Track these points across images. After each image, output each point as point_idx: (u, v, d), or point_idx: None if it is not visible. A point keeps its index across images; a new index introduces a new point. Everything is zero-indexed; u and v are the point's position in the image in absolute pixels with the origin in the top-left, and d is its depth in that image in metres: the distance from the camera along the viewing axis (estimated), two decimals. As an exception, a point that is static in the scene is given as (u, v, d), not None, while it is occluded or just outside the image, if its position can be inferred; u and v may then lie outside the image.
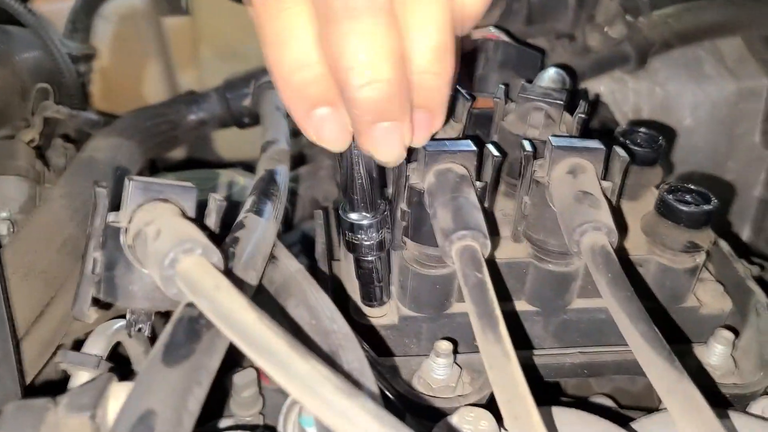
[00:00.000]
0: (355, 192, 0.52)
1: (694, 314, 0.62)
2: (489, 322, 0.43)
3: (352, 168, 0.51)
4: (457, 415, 0.45)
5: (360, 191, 0.52)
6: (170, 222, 0.40)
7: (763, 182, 1.08)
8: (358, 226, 0.54)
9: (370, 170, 0.52)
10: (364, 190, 0.52)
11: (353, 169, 0.51)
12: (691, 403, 0.38)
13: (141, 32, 1.18)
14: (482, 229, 0.49)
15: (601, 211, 0.51)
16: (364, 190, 0.52)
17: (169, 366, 0.33)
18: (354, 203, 0.53)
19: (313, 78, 0.43)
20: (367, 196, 0.52)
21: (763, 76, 1.04)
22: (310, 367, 0.30)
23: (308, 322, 0.40)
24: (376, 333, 0.60)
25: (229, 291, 0.34)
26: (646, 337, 0.42)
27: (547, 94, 0.65)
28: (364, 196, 0.52)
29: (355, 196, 0.53)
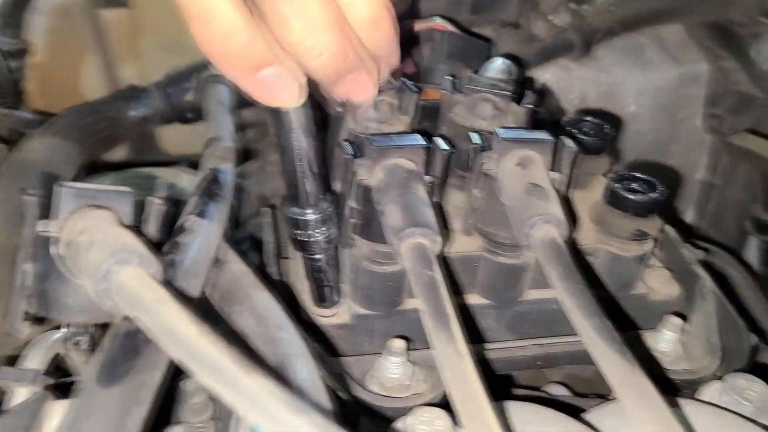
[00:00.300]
0: (298, 187, 0.51)
1: (643, 301, 0.63)
2: (441, 321, 0.42)
3: (295, 163, 0.50)
4: (412, 415, 0.44)
5: (303, 187, 0.51)
6: (104, 231, 0.38)
7: (705, 166, 1.11)
8: (304, 222, 0.52)
9: (312, 165, 0.51)
10: (306, 186, 0.51)
11: (296, 164, 0.50)
12: (643, 395, 0.38)
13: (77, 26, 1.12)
14: (433, 226, 0.49)
15: (550, 203, 0.51)
16: (307, 186, 0.51)
17: (106, 387, 0.31)
18: (297, 199, 0.52)
19: (248, 41, 0.43)
20: (310, 191, 0.51)
21: (703, 61, 1.05)
22: (255, 382, 0.28)
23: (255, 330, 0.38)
24: (328, 333, 0.59)
25: (168, 304, 0.32)
26: (598, 331, 0.42)
27: (495, 85, 0.64)
28: (308, 192, 0.51)
29: (299, 192, 0.51)
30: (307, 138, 0.50)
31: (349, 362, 0.57)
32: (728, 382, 0.49)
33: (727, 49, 1.02)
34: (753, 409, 0.47)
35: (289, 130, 0.49)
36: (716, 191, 1.09)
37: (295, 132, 0.49)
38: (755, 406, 0.47)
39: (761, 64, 0.96)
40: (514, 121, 0.64)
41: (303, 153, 0.50)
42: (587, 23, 0.96)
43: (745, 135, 0.87)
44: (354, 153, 0.54)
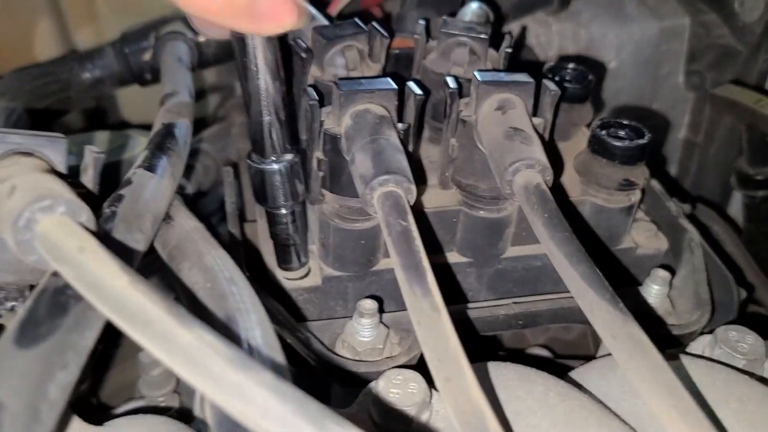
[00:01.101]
0: (264, 135, 0.47)
1: (630, 255, 0.60)
2: (415, 274, 0.38)
3: (260, 108, 0.45)
4: (384, 378, 0.40)
5: (268, 133, 0.46)
6: (28, 177, 0.33)
7: (687, 124, 1.08)
8: (268, 172, 0.48)
9: (279, 112, 0.46)
10: (272, 132, 0.46)
11: (260, 109, 0.46)
12: (637, 348, 0.35)
13: (29, -15, 1.06)
14: (406, 173, 0.44)
15: (533, 147, 0.47)
16: (273, 132, 0.46)
17: (24, 348, 0.27)
18: (263, 148, 0.47)
19: None
20: (276, 139, 0.46)
21: (684, 15, 1.02)
22: (194, 337, 0.24)
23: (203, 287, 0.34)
24: (297, 297, 0.55)
25: (95, 252, 0.28)
26: (587, 280, 0.38)
27: (471, 29, 0.60)
28: (273, 139, 0.46)
29: (264, 140, 0.47)
30: (274, 81, 0.45)
31: (319, 327, 0.53)
32: (719, 336, 0.46)
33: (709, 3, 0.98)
34: (746, 362, 0.44)
35: (255, 73, 0.44)
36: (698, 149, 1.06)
37: (261, 75, 0.44)
38: (748, 359, 0.44)
39: (744, 16, 0.93)
40: (492, 66, 0.60)
41: (270, 97, 0.45)
42: (566, -25, 0.92)
43: (729, 86, 0.84)
44: (319, 99, 0.50)
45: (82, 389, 0.57)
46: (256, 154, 0.48)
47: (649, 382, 0.33)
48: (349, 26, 0.58)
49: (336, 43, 0.56)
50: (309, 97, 0.50)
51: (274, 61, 0.45)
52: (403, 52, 0.64)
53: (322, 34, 0.57)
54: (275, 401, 0.23)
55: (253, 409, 0.23)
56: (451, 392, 0.33)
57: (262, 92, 0.45)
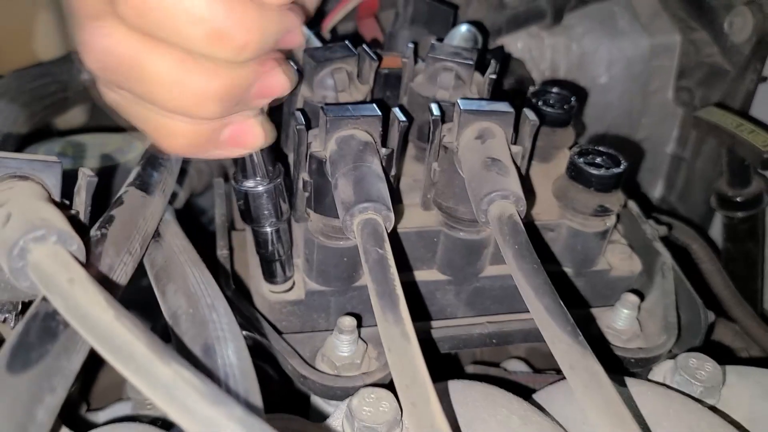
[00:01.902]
0: (245, 158, 0.48)
1: (604, 277, 0.62)
2: (389, 302, 0.40)
3: None
4: (357, 396, 0.42)
5: (250, 157, 0.48)
6: (23, 205, 0.35)
7: (675, 139, 1.10)
8: (251, 193, 0.50)
9: None
10: (254, 156, 0.48)
11: None
12: (593, 380, 0.37)
13: (29, -19, 1.07)
14: (385, 201, 0.46)
15: (509, 178, 0.49)
16: (255, 155, 0.48)
17: (15, 373, 0.29)
18: (245, 170, 0.49)
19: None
20: (258, 161, 0.48)
21: (675, 32, 1.04)
22: (172, 372, 0.26)
23: (186, 312, 0.36)
24: (281, 309, 0.57)
25: (84, 286, 0.30)
26: (550, 312, 0.41)
27: (457, 54, 0.62)
28: (255, 161, 0.48)
29: (246, 162, 0.49)
30: None
31: (300, 339, 0.56)
32: (680, 362, 0.48)
33: (700, 21, 1.00)
34: (702, 389, 0.47)
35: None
36: (685, 165, 1.08)
37: None
38: (704, 386, 0.47)
39: (732, 37, 0.95)
40: (477, 91, 0.62)
41: None
42: (559, -10, 0.93)
43: (712, 109, 0.86)
44: (307, 123, 0.52)
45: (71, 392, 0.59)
46: (240, 176, 0.50)
47: (601, 414, 0.35)
48: (340, 49, 0.60)
49: (326, 66, 0.58)
50: (297, 122, 0.52)
51: None
52: (392, 72, 0.65)
53: (312, 56, 0.58)
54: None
55: (222, 442, 0.25)
56: (416, 417, 0.35)
57: None
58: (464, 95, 0.60)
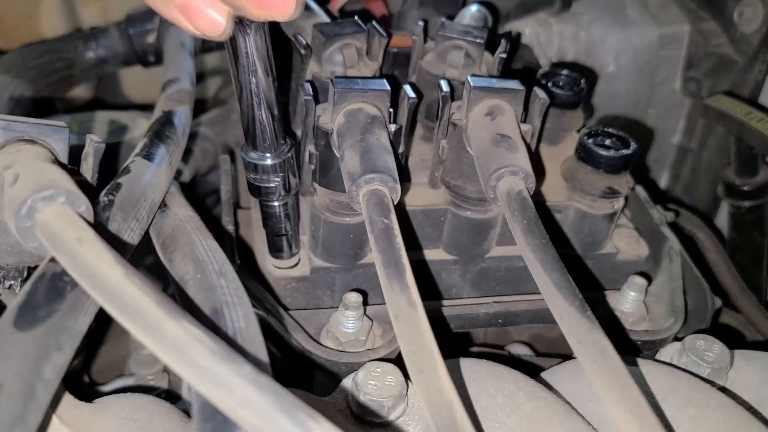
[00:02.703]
0: (256, 130, 0.48)
1: (611, 260, 0.62)
2: (395, 271, 0.40)
3: (252, 104, 0.47)
4: (363, 370, 0.42)
5: (261, 129, 0.47)
6: (31, 166, 0.35)
7: (681, 129, 1.09)
8: (261, 167, 0.49)
9: (271, 107, 0.47)
10: (265, 128, 0.47)
11: (254, 106, 0.47)
12: (601, 354, 0.36)
13: (35, -40, 1.06)
14: (392, 173, 0.46)
15: (518, 154, 0.49)
16: (266, 128, 0.47)
17: (22, 330, 0.29)
18: (256, 142, 0.48)
19: None
20: (269, 134, 0.48)
21: (684, 22, 1.03)
22: (181, 329, 0.26)
23: (193, 277, 0.36)
24: (286, 285, 0.57)
25: (93, 244, 0.30)
26: (558, 287, 0.40)
27: (468, 33, 0.61)
28: (266, 134, 0.48)
29: (257, 135, 0.48)
30: (266, 77, 0.46)
31: (305, 316, 0.55)
32: (688, 344, 0.48)
33: (709, 11, 0.99)
34: (710, 371, 0.46)
35: (246, 68, 0.45)
36: (691, 155, 1.07)
37: (252, 70, 0.45)
38: (712, 368, 0.46)
39: (742, 27, 0.94)
40: (486, 70, 0.62)
41: (261, 93, 0.46)
42: (569, -24, 0.93)
43: (721, 97, 0.85)
44: (314, 95, 0.51)
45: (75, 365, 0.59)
46: (249, 148, 0.50)
47: (608, 386, 0.35)
48: (349, 25, 0.59)
49: (335, 41, 0.58)
50: (305, 92, 0.51)
51: (267, 57, 0.45)
52: (401, 50, 0.65)
53: (321, 32, 0.58)
54: (253, 392, 0.25)
55: (232, 399, 0.25)
56: (423, 384, 0.34)
57: (254, 87, 0.46)
58: (473, 74, 0.59)
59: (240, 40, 0.44)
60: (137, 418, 0.39)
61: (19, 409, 0.26)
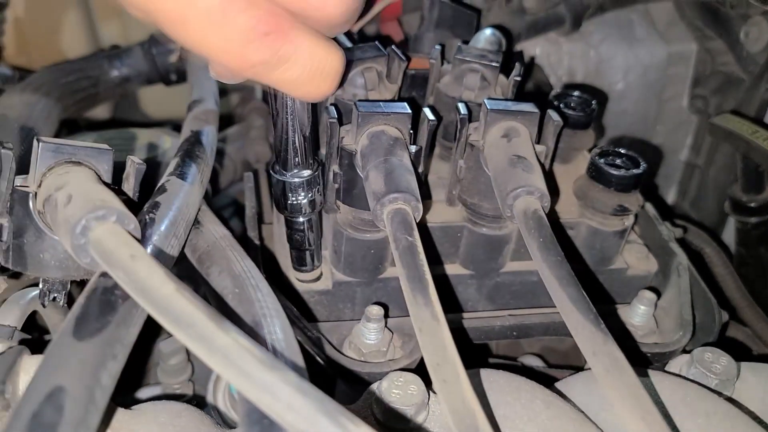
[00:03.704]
0: (287, 150, 0.51)
1: (621, 276, 0.64)
2: (419, 285, 0.42)
3: (286, 126, 0.49)
4: (387, 380, 0.44)
5: (293, 149, 0.50)
6: (82, 187, 0.38)
7: (689, 146, 1.11)
8: (289, 185, 0.52)
9: (303, 129, 0.50)
10: (296, 148, 0.50)
11: (287, 126, 0.49)
12: (614, 365, 0.39)
13: (58, -20, 1.10)
14: (414, 193, 0.49)
15: (534, 175, 0.51)
16: (297, 148, 0.50)
17: (81, 340, 0.31)
18: (286, 162, 0.51)
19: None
20: (299, 154, 0.50)
21: (691, 40, 1.05)
22: (230, 339, 0.29)
23: (232, 291, 0.38)
24: (309, 299, 0.59)
25: (145, 261, 0.32)
26: (574, 301, 0.42)
27: (483, 56, 0.64)
28: (297, 154, 0.50)
29: (288, 155, 0.51)
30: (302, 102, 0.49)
31: (328, 328, 0.58)
32: (696, 356, 0.50)
33: (716, 30, 1.02)
34: (718, 382, 0.48)
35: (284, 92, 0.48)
36: (698, 172, 1.09)
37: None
38: (720, 379, 0.48)
39: (748, 46, 0.96)
40: (501, 92, 0.64)
41: (296, 115, 0.49)
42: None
43: (727, 116, 0.87)
44: (339, 118, 0.54)
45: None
46: (279, 166, 0.53)
47: (622, 395, 0.37)
48: (370, 49, 0.62)
49: (357, 65, 0.60)
50: (329, 115, 0.54)
51: None
52: (419, 73, 0.67)
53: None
54: (298, 398, 0.27)
55: (278, 404, 0.27)
56: (447, 393, 0.37)
57: (289, 110, 0.49)
58: (489, 96, 0.62)
59: None
60: (175, 424, 0.41)
61: (82, 412, 0.29)
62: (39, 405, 0.29)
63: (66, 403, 0.29)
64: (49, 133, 0.81)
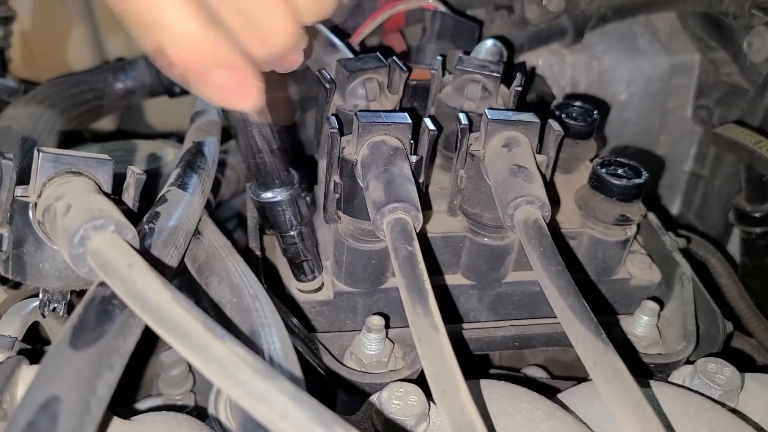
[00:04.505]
0: (258, 167, 0.51)
1: (624, 286, 0.64)
2: (418, 295, 0.42)
3: (250, 143, 0.49)
4: (387, 390, 0.44)
5: (264, 170, 0.50)
6: (82, 197, 0.38)
7: (693, 156, 1.11)
8: (270, 203, 0.52)
9: (269, 141, 0.50)
10: (266, 164, 0.50)
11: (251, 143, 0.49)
12: (615, 375, 0.38)
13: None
14: (414, 202, 0.49)
15: (534, 185, 0.51)
16: (267, 168, 0.50)
17: (77, 350, 0.31)
18: (262, 181, 0.51)
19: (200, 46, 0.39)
20: (271, 170, 0.51)
21: (694, 51, 1.06)
22: (226, 349, 0.28)
23: (230, 301, 0.38)
24: (310, 309, 0.59)
25: (142, 270, 0.32)
26: (574, 311, 0.42)
27: (484, 67, 0.64)
28: (269, 174, 0.51)
29: (260, 172, 0.51)
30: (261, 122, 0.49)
31: (329, 338, 0.58)
32: (700, 367, 0.50)
33: (719, 41, 1.02)
34: (721, 393, 0.48)
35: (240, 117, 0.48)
36: (703, 182, 1.09)
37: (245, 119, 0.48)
38: (723, 390, 0.48)
39: (751, 57, 0.96)
40: (502, 103, 0.64)
41: (256, 131, 0.49)
42: (580, 9, 0.95)
43: (731, 126, 0.87)
44: (339, 128, 0.54)
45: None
46: (256, 187, 0.53)
47: (623, 407, 0.37)
48: (371, 60, 0.62)
49: (358, 75, 0.61)
50: (330, 125, 0.54)
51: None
52: (419, 83, 0.68)
53: (345, 67, 0.61)
54: (293, 408, 0.27)
55: (274, 414, 0.27)
56: (446, 403, 0.36)
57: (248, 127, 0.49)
58: (490, 106, 0.62)
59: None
60: (174, 435, 0.41)
61: (77, 422, 0.28)
62: (34, 415, 0.29)
63: (61, 413, 0.28)
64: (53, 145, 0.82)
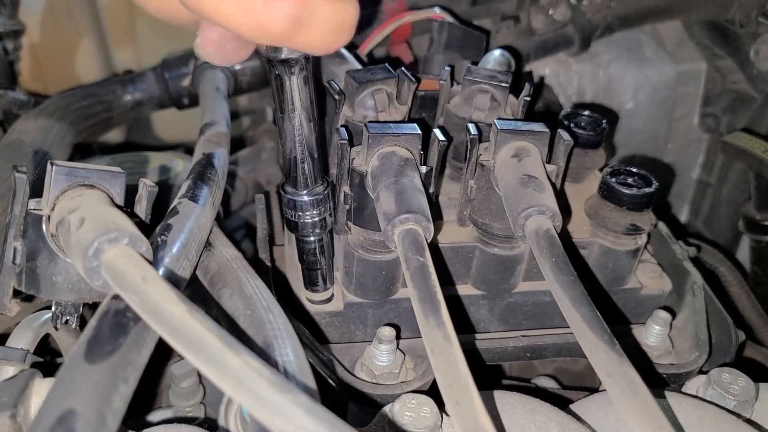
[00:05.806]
0: (297, 170, 0.51)
1: (635, 295, 0.63)
2: (431, 306, 0.42)
3: (295, 146, 0.50)
4: (399, 402, 0.44)
5: (301, 168, 0.50)
6: (95, 210, 0.38)
7: (700, 164, 1.11)
8: (299, 203, 0.52)
9: (311, 150, 0.50)
10: (305, 167, 0.50)
11: (295, 147, 0.50)
12: (630, 386, 0.38)
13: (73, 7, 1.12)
14: (425, 213, 0.49)
15: (545, 194, 0.51)
16: (306, 167, 0.50)
17: (93, 363, 0.31)
18: (295, 180, 0.51)
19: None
20: (308, 173, 0.51)
21: (701, 59, 1.06)
22: (241, 361, 0.28)
23: (243, 313, 0.38)
24: (320, 320, 0.59)
25: (157, 283, 0.32)
26: (587, 321, 0.42)
27: (493, 77, 0.64)
28: (305, 173, 0.51)
29: (297, 175, 0.51)
30: (309, 122, 0.49)
31: (340, 349, 0.57)
32: (713, 377, 0.49)
33: (725, 49, 1.02)
34: (736, 403, 0.48)
35: (291, 112, 0.49)
36: (711, 190, 1.09)
37: (296, 114, 0.49)
38: (738, 400, 0.48)
39: (758, 64, 0.96)
40: (511, 113, 0.64)
41: (303, 136, 0.49)
42: (586, 19, 0.96)
43: (739, 134, 0.87)
44: (349, 139, 0.54)
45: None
46: (288, 186, 0.53)
47: (638, 417, 0.37)
48: (380, 71, 0.62)
49: (367, 87, 0.61)
50: (340, 136, 0.54)
51: (309, 102, 0.49)
52: (428, 94, 0.68)
53: (354, 78, 0.61)
54: (310, 421, 0.27)
55: (290, 427, 0.27)
56: (460, 415, 0.36)
57: (296, 131, 0.49)
58: (499, 116, 0.62)
59: (286, 85, 0.47)
60: (186, 447, 0.41)
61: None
62: (50, 428, 0.29)
63: (77, 427, 0.28)
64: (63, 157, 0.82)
